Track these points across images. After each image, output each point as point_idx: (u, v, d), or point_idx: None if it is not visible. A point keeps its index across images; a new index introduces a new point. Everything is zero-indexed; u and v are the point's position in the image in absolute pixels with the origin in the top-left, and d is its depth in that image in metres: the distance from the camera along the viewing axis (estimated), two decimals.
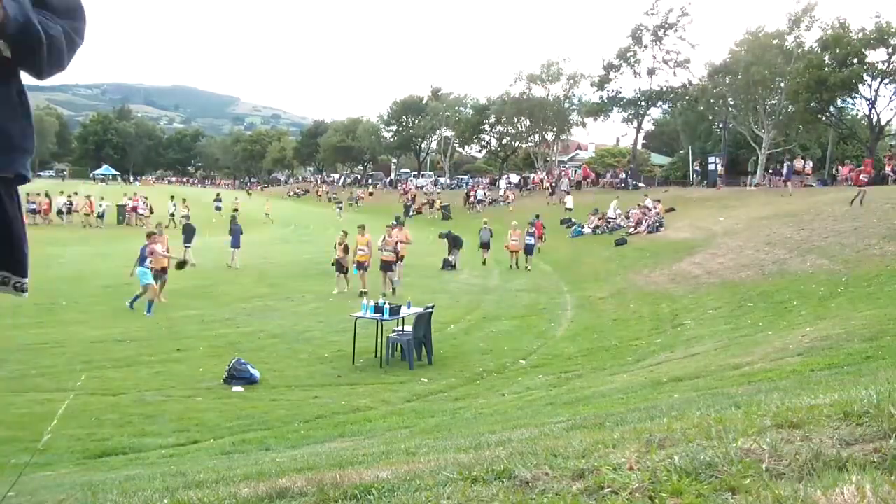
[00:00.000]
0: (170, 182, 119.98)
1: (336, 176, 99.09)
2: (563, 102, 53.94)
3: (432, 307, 11.56)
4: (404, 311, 11.44)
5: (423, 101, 73.18)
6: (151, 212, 37.26)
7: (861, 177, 22.76)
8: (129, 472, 5.30)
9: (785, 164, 32.69)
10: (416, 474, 2.28)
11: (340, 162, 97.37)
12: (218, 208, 45.05)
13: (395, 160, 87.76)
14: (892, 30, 29.43)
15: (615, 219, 29.68)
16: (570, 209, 34.75)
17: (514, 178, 63.57)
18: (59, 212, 37.05)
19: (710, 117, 45.36)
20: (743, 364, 7.55)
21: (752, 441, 1.84)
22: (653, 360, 9.73)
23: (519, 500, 1.71)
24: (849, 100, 34.26)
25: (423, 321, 10.86)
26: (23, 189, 1.65)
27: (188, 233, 21.26)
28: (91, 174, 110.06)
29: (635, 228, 26.25)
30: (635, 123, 48.13)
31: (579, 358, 10.82)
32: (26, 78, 1.51)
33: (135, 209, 38.19)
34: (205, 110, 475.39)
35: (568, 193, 38.97)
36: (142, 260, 13.80)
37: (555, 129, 55.69)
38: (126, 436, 7.13)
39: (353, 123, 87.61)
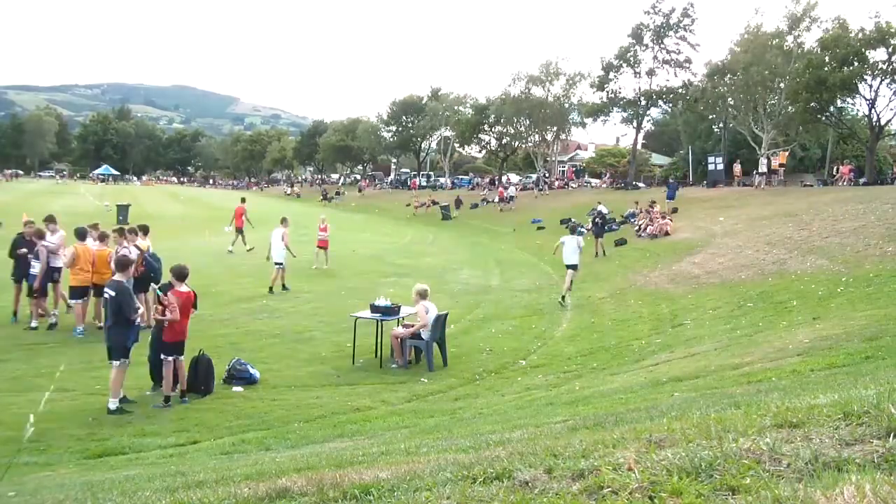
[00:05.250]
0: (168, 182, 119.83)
1: (336, 176, 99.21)
2: (563, 102, 53.95)
3: (446, 313, 11.64)
4: (405, 310, 11.44)
5: (423, 101, 73.18)
6: None
7: None
8: (129, 472, 5.30)
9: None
10: (416, 474, 2.28)
11: (340, 162, 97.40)
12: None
13: (394, 160, 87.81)
14: (892, 30, 29.43)
15: (607, 214, 29.59)
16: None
17: (515, 178, 63.64)
18: None
19: (711, 117, 45.38)
20: (743, 364, 7.55)
21: (752, 441, 1.84)
22: (652, 360, 9.73)
23: (519, 500, 1.71)
24: (849, 100, 34.29)
25: (440, 324, 10.89)
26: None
27: None
28: (91, 174, 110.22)
29: (640, 232, 26.19)
30: (635, 124, 48.14)
31: (579, 358, 10.82)
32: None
33: None
34: (205, 110, 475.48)
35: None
36: None
37: (554, 129, 55.71)
38: (126, 436, 7.13)
39: (353, 123, 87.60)
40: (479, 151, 75.36)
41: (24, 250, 11.88)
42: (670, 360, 9.30)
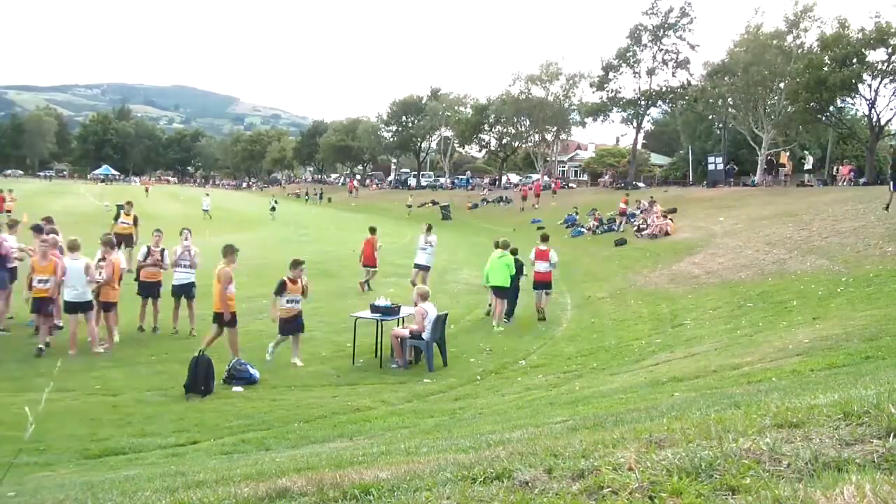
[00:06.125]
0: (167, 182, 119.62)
1: (335, 176, 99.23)
2: (563, 102, 53.97)
3: (446, 314, 11.64)
4: (405, 310, 11.45)
5: (423, 101, 73.19)
6: None
7: None
8: (129, 472, 5.30)
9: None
10: (416, 474, 2.28)
11: (340, 162, 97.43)
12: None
13: (394, 160, 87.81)
14: (892, 30, 29.41)
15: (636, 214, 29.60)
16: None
17: (515, 178, 63.61)
18: None
19: (710, 117, 45.37)
20: (743, 364, 7.55)
21: (752, 441, 1.83)
22: (652, 360, 9.72)
23: (519, 500, 1.71)
24: (848, 100, 34.27)
25: (440, 324, 10.90)
26: None
27: None
28: (91, 174, 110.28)
29: (639, 232, 26.17)
30: (635, 123, 48.14)
31: (579, 358, 10.81)
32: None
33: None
34: (205, 110, 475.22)
35: None
36: None
37: (555, 129, 55.72)
38: (126, 436, 7.12)
39: (353, 123, 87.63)
40: (479, 151, 75.39)
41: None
42: (670, 360, 9.30)
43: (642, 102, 46.82)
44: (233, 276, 10.17)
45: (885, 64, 30.34)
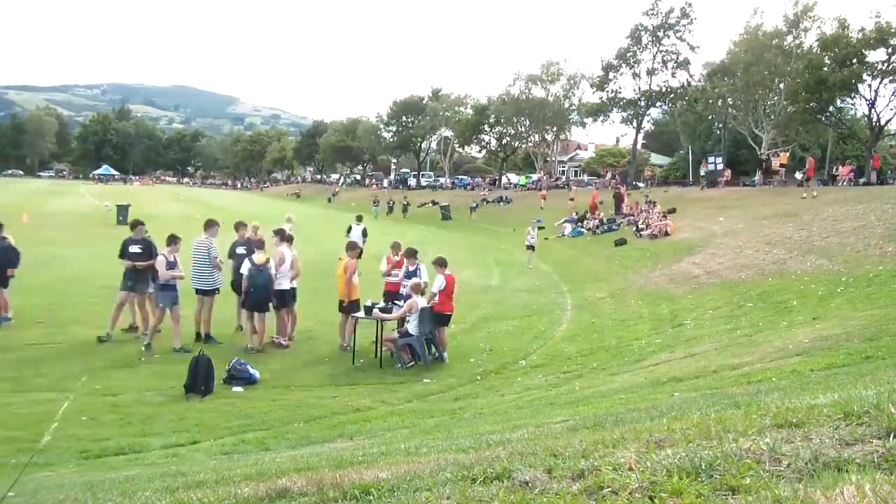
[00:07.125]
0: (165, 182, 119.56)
1: (335, 176, 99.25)
2: (563, 102, 53.99)
3: (432, 306, 11.51)
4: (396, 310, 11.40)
5: (423, 102, 73.20)
6: None
7: None
8: (129, 472, 5.30)
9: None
10: (416, 474, 2.28)
11: (340, 162, 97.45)
12: None
13: (394, 160, 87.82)
14: (892, 30, 29.39)
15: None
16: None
17: (514, 177, 63.65)
18: None
19: (710, 117, 45.38)
20: (743, 364, 7.55)
21: (752, 441, 1.83)
22: (652, 360, 9.72)
23: (519, 500, 1.71)
24: (848, 100, 34.25)
25: (427, 317, 10.80)
26: None
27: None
28: (91, 174, 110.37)
29: (639, 232, 26.14)
30: (635, 124, 48.13)
31: (579, 358, 10.81)
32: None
33: None
34: (205, 110, 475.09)
35: None
36: None
37: (554, 129, 55.73)
38: (126, 436, 7.12)
39: (353, 123, 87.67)
40: (479, 151, 75.41)
41: None
42: (670, 360, 9.30)
43: (642, 103, 46.81)
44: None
45: (885, 64, 30.31)
